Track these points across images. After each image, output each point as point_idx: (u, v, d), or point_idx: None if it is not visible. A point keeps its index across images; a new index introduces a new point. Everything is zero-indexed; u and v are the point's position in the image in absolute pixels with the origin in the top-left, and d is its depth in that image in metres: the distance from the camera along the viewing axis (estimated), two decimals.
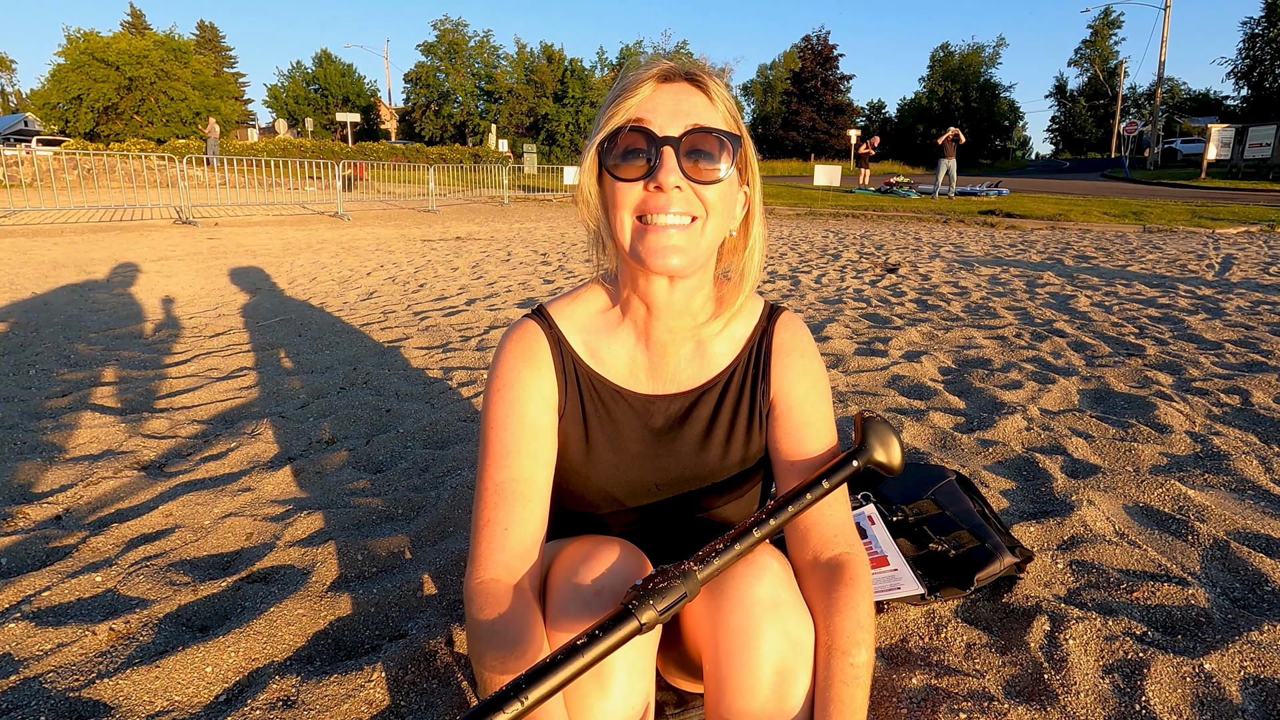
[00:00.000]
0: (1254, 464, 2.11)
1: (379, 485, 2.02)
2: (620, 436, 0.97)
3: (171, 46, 32.45)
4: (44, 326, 3.80)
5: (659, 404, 0.97)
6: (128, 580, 1.51)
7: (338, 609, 1.44)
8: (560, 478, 0.98)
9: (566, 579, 0.84)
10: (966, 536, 1.55)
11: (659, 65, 0.86)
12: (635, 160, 0.83)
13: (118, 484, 2.00)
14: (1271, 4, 33.16)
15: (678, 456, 0.97)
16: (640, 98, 0.84)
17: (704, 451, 0.97)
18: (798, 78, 51.25)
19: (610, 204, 0.87)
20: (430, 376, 3.05)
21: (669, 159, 0.82)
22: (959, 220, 11.78)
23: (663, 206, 0.83)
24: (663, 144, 0.82)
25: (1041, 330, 3.91)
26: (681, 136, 0.82)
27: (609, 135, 0.84)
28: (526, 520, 0.88)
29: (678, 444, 0.97)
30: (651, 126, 0.82)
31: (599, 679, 0.77)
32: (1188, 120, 38.34)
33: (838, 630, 0.81)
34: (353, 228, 10.17)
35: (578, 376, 0.96)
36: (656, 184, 0.82)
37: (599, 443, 0.96)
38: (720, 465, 0.98)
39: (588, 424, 0.96)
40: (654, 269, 0.85)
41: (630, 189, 0.84)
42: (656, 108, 0.83)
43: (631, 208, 0.84)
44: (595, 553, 0.85)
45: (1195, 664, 1.26)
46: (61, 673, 1.24)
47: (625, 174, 0.84)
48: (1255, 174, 23.03)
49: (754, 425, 0.98)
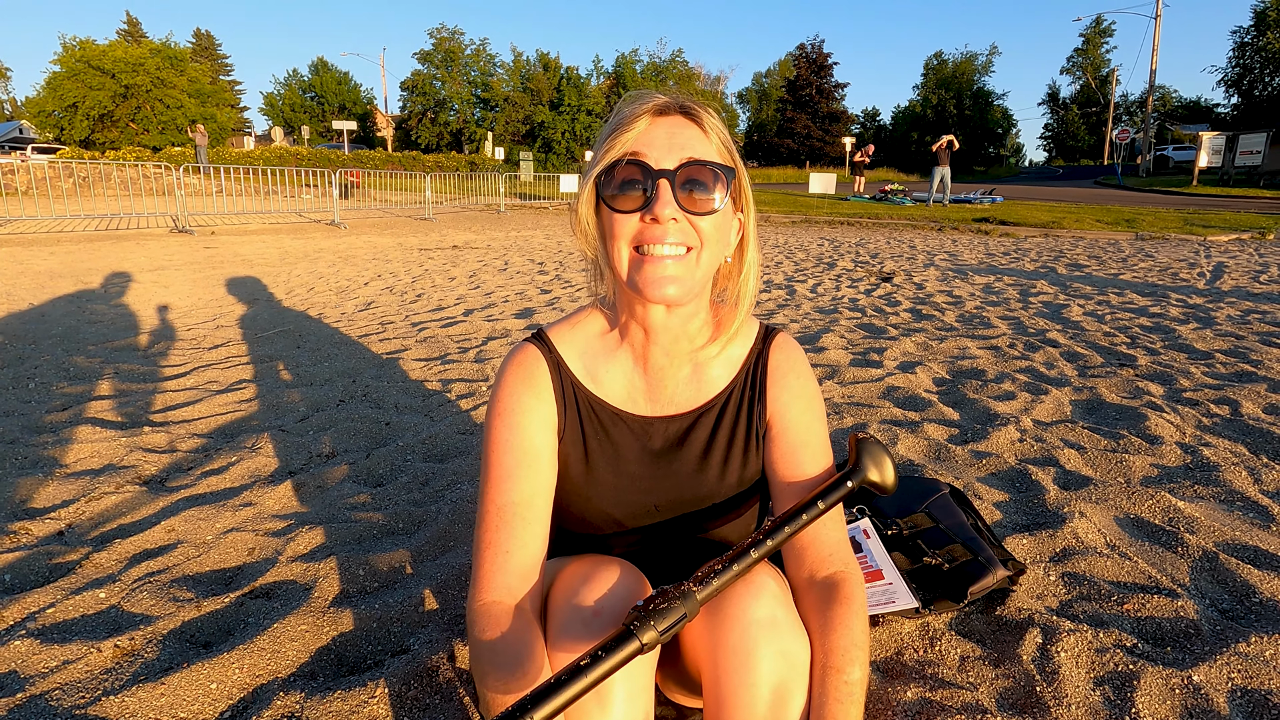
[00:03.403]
0: (1243, 475, 2.14)
1: (379, 499, 2.04)
2: (619, 458, 0.99)
3: (168, 54, 32.46)
4: (42, 339, 3.81)
5: (657, 425, 0.99)
6: (131, 596, 1.53)
7: (340, 624, 1.46)
8: (561, 499, 1.00)
9: (567, 600, 0.86)
10: (960, 550, 1.58)
11: (654, 99, 0.89)
12: (632, 192, 0.86)
13: (119, 499, 2.02)
14: (1260, 13, 33.49)
15: (676, 478, 0.99)
16: (636, 131, 0.87)
17: (702, 472, 0.99)
18: (793, 85, 51.52)
19: (608, 234, 0.89)
20: (429, 389, 3.07)
21: (665, 191, 0.84)
22: (953, 228, 11.85)
23: (659, 237, 0.85)
24: (658, 177, 0.84)
25: (1035, 340, 3.95)
26: (677, 169, 0.85)
27: (606, 168, 0.87)
28: (527, 543, 0.90)
29: (676, 465, 0.99)
30: (647, 160, 0.85)
31: (600, 697, 0.79)
32: (1179, 128, 38.63)
33: (833, 648, 0.84)
34: (350, 236, 10.18)
35: (577, 400, 0.99)
36: (653, 216, 0.85)
37: (599, 464, 0.99)
38: (718, 485, 1.00)
39: (587, 446, 0.99)
40: (651, 299, 0.87)
41: (627, 220, 0.87)
42: (652, 141, 0.86)
43: (628, 239, 0.87)
44: (595, 573, 0.87)
45: (1184, 676, 1.28)
46: (66, 690, 1.25)
47: (622, 206, 0.86)
48: (1246, 181, 23.24)
49: (751, 446, 1.00)
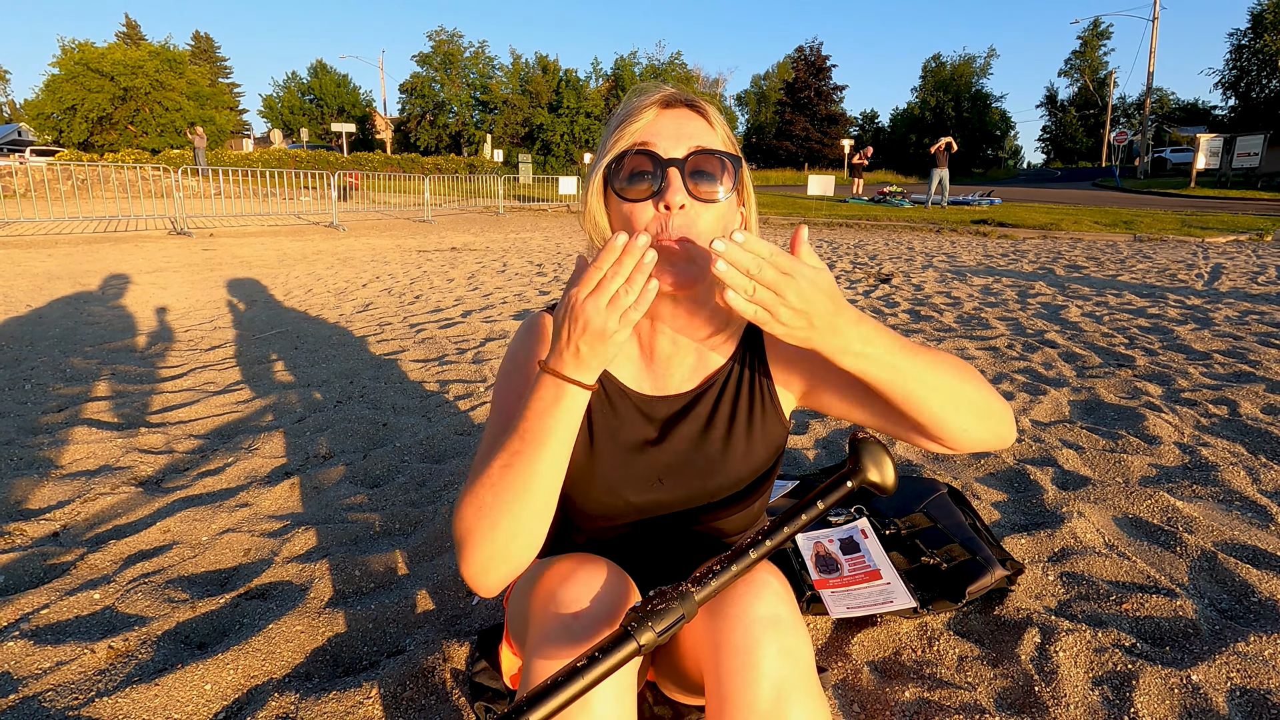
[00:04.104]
0: (1241, 475, 2.14)
1: (376, 500, 2.03)
2: (623, 430, 0.99)
3: (166, 57, 32.43)
4: (39, 340, 3.80)
5: (661, 404, 1.00)
6: (126, 597, 1.52)
7: (335, 625, 1.45)
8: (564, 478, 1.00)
9: (548, 604, 0.85)
10: (958, 549, 1.58)
11: (660, 92, 0.90)
12: (642, 182, 0.86)
13: (115, 500, 2.01)
14: (1257, 16, 33.61)
15: (678, 450, 1.00)
16: (644, 122, 0.87)
17: (705, 445, 0.99)
18: (791, 88, 51.60)
19: (618, 225, 0.89)
20: (427, 390, 3.06)
21: (675, 179, 0.85)
22: (952, 230, 11.87)
23: (667, 226, 0.85)
24: (668, 165, 0.85)
25: (1033, 341, 3.95)
26: (686, 158, 0.85)
27: (615, 159, 0.87)
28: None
29: (677, 437, 1.00)
30: (656, 149, 0.86)
31: (584, 701, 0.78)
32: (1177, 130, 38.71)
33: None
34: (348, 238, 10.18)
35: None
36: (664, 203, 0.85)
37: (602, 437, 0.99)
38: (721, 461, 1.00)
39: (592, 419, 0.99)
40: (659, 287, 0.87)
41: (638, 209, 0.87)
42: (660, 131, 0.87)
43: (639, 229, 0.87)
44: (578, 575, 0.87)
45: (1183, 675, 1.28)
46: (60, 691, 1.25)
47: (632, 195, 0.86)
48: (1243, 183, 23.28)
49: (755, 419, 1.00)
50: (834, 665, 1.37)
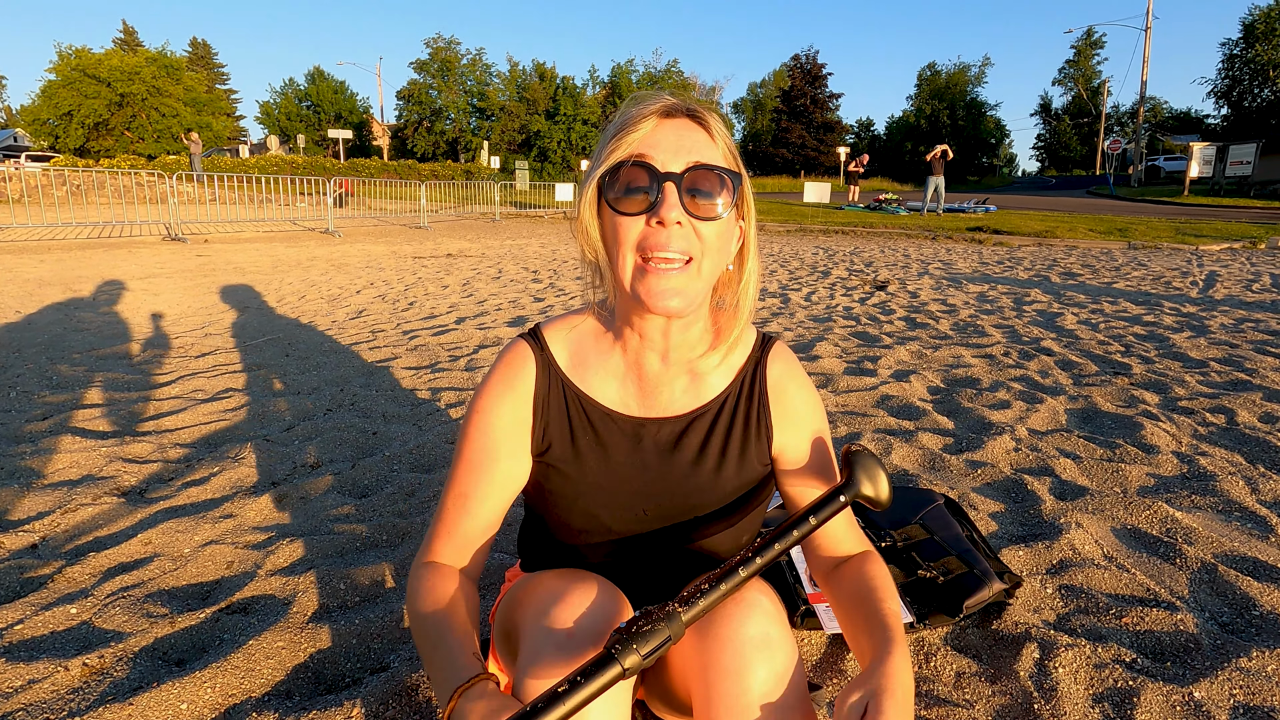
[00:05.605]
0: (1240, 485, 2.12)
1: (364, 511, 2.00)
2: (609, 458, 0.96)
3: (164, 63, 32.42)
4: (26, 347, 3.76)
5: (649, 427, 0.96)
6: (103, 612, 1.48)
7: (318, 641, 1.42)
8: (548, 501, 0.97)
9: (539, 620, 0.82)
10: (955, 562, 1.55)
11: (661, 100, 0.86)
12: (637, 195, 0.82)
13: (96, 511, 1.97)
14: (1249, 26, 33.92)
15: (667, 480, 0.96)
16: (642, 133, 0.83)
17: (695, 476, 0.96)
18: (787, 96, 51.82)
19: (611, 238, 0.86)
20: (418, 398, 3.03)
21: (671, 194, 0.81)
22: (947, 237, 11.89)
23: (663, 244, 0.82)
24: (665, 180, 0.81)
25: (1029, 349, 3.93)
26: (684, 173, 0.82)
27: (610, 169, 0.83)
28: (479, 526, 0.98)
29: (667, 467, 0.96)
30: (654, 162, 0.82)
31: None
32: (1170, 138, 38.94)
33: (872, 575, 0.94)
34: (343, 244, 10.15)
35: (565, 399, 0.96)
36: (659, 219, 0.81)
37: (588, 464, 0.96)
38: (711, 491, 0.97)
39: (576, 445, 0.96)
40: (653, 310, 0.84)
41: (631, 223, 0.83)
42: (659, 143, 0.83)
43: (633, 243, 0.84)
44: (570, 591, 0.84)
45: (1185, 692, 1.25)
46: (31, 711, 1.21)
47: (627, 208, 0.83)
48: (1236, 191, 23.44)
49: (748, 451, 0.97)
50: (828, 682, 1.34)
